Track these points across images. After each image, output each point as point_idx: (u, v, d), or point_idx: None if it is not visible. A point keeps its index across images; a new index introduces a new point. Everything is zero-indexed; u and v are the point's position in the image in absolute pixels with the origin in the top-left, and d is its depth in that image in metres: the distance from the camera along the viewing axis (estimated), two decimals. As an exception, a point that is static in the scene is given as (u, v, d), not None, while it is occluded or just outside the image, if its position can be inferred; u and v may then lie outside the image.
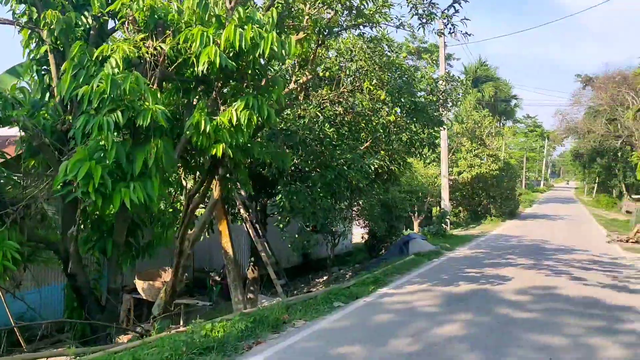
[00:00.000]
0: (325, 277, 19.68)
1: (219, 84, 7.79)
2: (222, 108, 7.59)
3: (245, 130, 7.24)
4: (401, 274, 11.86)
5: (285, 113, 12.48)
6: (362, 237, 23.10)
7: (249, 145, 8.14)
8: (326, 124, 12.17)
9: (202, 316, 12.23)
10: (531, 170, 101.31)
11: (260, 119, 7.25)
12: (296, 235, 12.77)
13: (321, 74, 12.84)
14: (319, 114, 12.65)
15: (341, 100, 13.10)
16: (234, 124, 7.09)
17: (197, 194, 9.62)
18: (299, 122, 12.16)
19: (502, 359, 5.98)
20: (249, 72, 7.72)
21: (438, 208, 37.79)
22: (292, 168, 12.42)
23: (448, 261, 14.26)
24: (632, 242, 23.42)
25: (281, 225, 12.34)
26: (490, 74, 59.04)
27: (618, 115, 51.52)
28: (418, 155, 14.97)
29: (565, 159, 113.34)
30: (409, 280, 11.13)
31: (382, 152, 14.15)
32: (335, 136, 12.44)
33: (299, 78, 11.08)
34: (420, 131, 13.75)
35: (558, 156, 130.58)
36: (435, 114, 13.56)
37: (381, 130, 12.87)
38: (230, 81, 7.86)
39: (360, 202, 19.09)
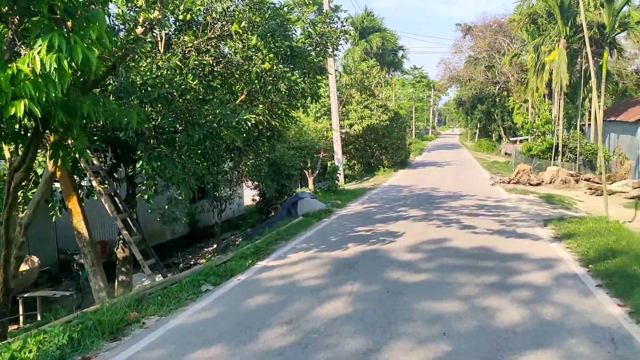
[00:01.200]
0: (215, 246, 18.26)
1: (16, 20, 5.80)
2: (23, 52, 5.68)
3: (57, 80, 5.44)
4: (286, 240, 10.72)
5: (141, 65, 10.56)
6: (253, 200, 21.83)
7: (78, 101, 6.32)
8: (189, 76, 10.40)
9: (64, 308, 10.36)
10: (420, 120, 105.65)
11: (74, 64, 5.46)
12: (166, 207, 11.09)
13: (182, 17, 10.98)
14: (182, 65, 10.85)
15: (209, 47, 11.38)
16: (39, 72, 5.26)
17: (21, 168, 7.62)
18: (157, 74, 10.29)
19: (390, 342, 5.00)
20: (59, 4, 5.82)
21: (333, 163, 37.44)
22: (156, 129, 10.64)
23: (338, 220, 13.40)
24: (513, 182, 24.42)
25: (146, 196, 10.57)
26: (377, 24, 58.99)
27: (495, 62, 54.14)
28: (300, 108, 13.69)
29: (449, 107, 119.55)
30: (294, 247, 10.02)
31: (260, 105, 12.70)
32: (202, 89, 10.73)
33: (147, 18, 9.15)
34: (300, 80, 12.45)
35: (443, 105, 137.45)
36: (315, 60, 12.28)
37: (256, 81, 11.35)
38: (33, 16, 5.89)
39: (247, 163, 17.75)
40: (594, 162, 33.46)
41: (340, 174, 24.64)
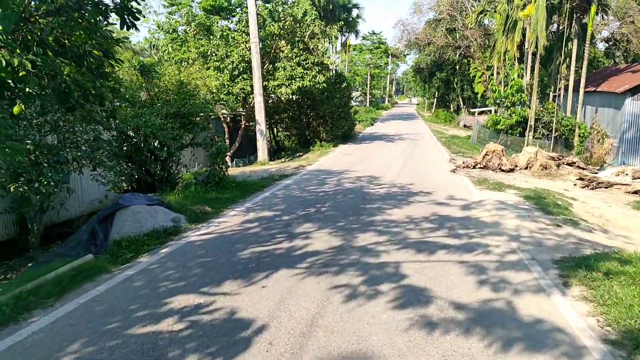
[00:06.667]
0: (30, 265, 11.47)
1: None
2: None
3: None
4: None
5: None
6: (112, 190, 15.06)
7: None
8: None
9: None
10: (377, 88, 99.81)
11: None
12: None
13: None
14: None
15: None
16: None
17: None
18: None
19: None
20: None
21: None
22: None
23: (166, 262, 6.76)
24: (480, 167, 18.56)
25: None
26: (328, -26, 51.46)
27: (457, 25, 48.19)
28: (108, 48, 6.98)
29: (408, 77, 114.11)
30: None
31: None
32: None
33: None
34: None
35: (402, 74, 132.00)
36: None
37: None
38: None
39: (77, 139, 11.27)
40: (570, 139, 28.12)
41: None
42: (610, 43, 47.99)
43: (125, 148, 13.14)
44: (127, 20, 6.80)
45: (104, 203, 12.96)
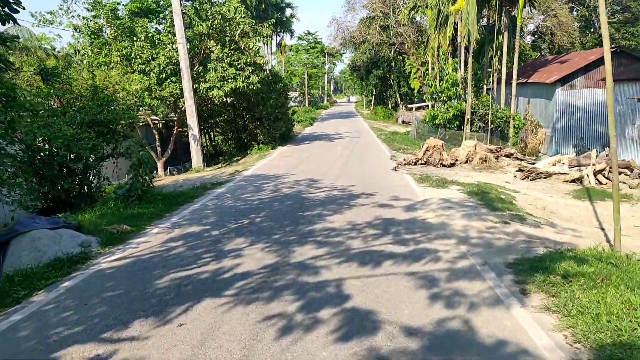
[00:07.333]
0: None
1: None
2: None
3: None
4: None
5: None
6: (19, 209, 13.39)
7: None
8: None
9: None
10: (315, 88, 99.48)
11: None
12: None
13: None
14: None
15: None
16: None
17: None
18: None
19: None
20: None
21: (204, 138, 29.34)
22: None
23: (64, 300, 5.61)
24: (421, 163, 18.23)
25: None
26: (258, -27, 50.24)
27: (390, 22, 48.43)
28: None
29: (345, 75, 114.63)
30: None
31: None
32: None
33: None
34: None
35: (340, 73, 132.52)
36: None
37: None
38: None
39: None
40: (505, 130, 28.55)
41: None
42: (536, 36, 49.70)
43: (36, 162, 11.70)
44: (2, 13, 5.66)
45: (10, 226, 11.45)
